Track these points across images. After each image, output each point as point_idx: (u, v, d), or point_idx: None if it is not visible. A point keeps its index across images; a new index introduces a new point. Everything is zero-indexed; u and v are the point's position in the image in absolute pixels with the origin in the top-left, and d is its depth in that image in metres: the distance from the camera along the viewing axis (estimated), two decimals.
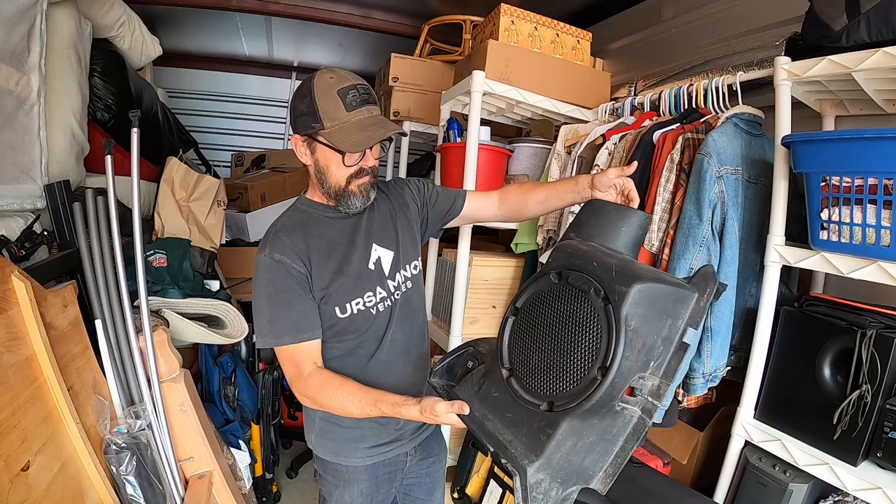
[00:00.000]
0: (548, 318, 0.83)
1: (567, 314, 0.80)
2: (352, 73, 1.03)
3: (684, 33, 2.11)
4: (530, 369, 0.82)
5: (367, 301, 1.08)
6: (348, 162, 1.01)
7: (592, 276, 0.79)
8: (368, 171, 1.05)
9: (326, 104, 0.98)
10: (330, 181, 1.05)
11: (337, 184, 1.04)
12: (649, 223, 0.91)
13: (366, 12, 3.00)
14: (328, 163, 1.03)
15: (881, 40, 1.11)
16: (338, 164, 1.02)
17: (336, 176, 1.04)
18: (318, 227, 1.08)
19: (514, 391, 0.82)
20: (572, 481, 0.74)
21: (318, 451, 1.18)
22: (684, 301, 0.74)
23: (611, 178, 1.01)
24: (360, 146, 0.99)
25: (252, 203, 3.16)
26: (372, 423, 1.13)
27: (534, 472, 0.73)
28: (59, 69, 1.74)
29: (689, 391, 1.38)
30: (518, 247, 1.91)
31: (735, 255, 1.32)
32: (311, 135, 1.02)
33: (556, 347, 0.80)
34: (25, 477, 1.02)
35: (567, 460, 0.74)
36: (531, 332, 0.85)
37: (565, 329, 0.79)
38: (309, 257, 1.04)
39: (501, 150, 1.99)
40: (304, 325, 1.02)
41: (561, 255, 0.88)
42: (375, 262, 1.11)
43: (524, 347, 0.85)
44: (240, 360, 2.20)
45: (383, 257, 1.12)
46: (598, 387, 0.72)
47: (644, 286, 0.73)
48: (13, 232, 1.51)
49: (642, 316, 0.73)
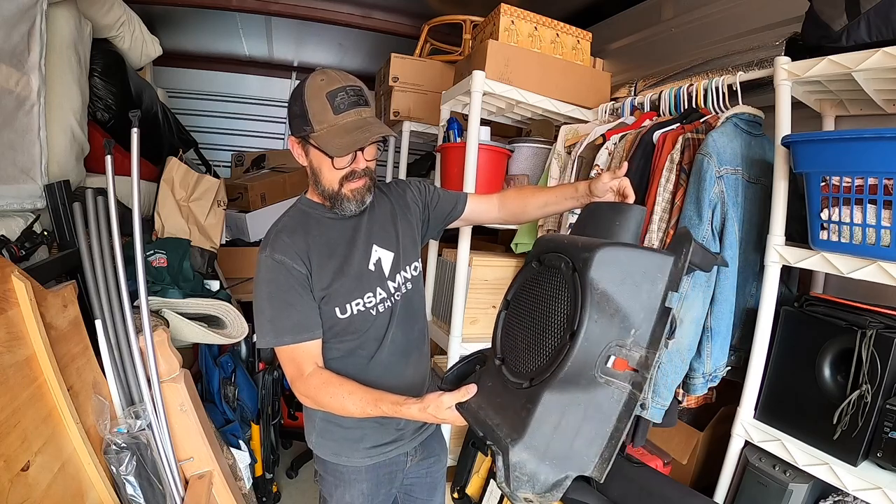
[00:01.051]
0: (531, 303, 0.84)
1: (545, 294, 0.81)
2: (344, 75, 1.02)
3: (684, 33, 2.11)
4: (517, 354, 0.82)
5: (367, 302, 1.08)
6: (338, 165, 1.02)
7: (564, 252, 0.80)
8: (362, 174, 1.05)
9: (315, 107, 0.99)
10: (323, 183, 1.05)
11: (330, 186, 1.05)
12: (643, 215, 0.93)
13: (366, 12, 3.00)
14: (320, 165, 1.04)
15: (881, 40, 1.11)
16: (329, 167, 1.02)
17: (328, 178, 1.04)
18: (319, 227, 1.08)
19: (504, 377, 0.83)
20: (564, 466, 0.72)
21: (318, 451, 1.18)
22: (660, 264, 0.74)
23: (606, 183, 1.03)
24: (344, 150, 0.99)
25: (252, 203, 3.17)
26: (372, 424, 1.13)
27: (517, 451, 0.71)
28: (59, 69, 1.74)
29: (689, 391, 1.38)
30: (518, 247, 1.91)
31: (735, 255, 1.32)
32: (303, 137, 1.03)
33: (537, 327, 0.80)
34: (25, 477, 1.02)
35: (553, 439, 0.72)
36: (519, 320, 0.86)
37: (544, 308, 0.80)
38: (309, 257, 1.04)
39: (501, 150, 1.99)
40: (305, 325, 1.03)
41: (541, 243, 0.90)
42: (376, 262, 1.11)
43: (513, 335, 0.86)
44: (240, 360, 2.20)
45: (384, 258, 1.12)
46: (568, 352, 0.71)
47: (609, 249, 0.73)
48: (13, 232, 1.51)
49: (612, 280, 0.73)
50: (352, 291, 1.07)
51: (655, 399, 1.33)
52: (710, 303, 1.32)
